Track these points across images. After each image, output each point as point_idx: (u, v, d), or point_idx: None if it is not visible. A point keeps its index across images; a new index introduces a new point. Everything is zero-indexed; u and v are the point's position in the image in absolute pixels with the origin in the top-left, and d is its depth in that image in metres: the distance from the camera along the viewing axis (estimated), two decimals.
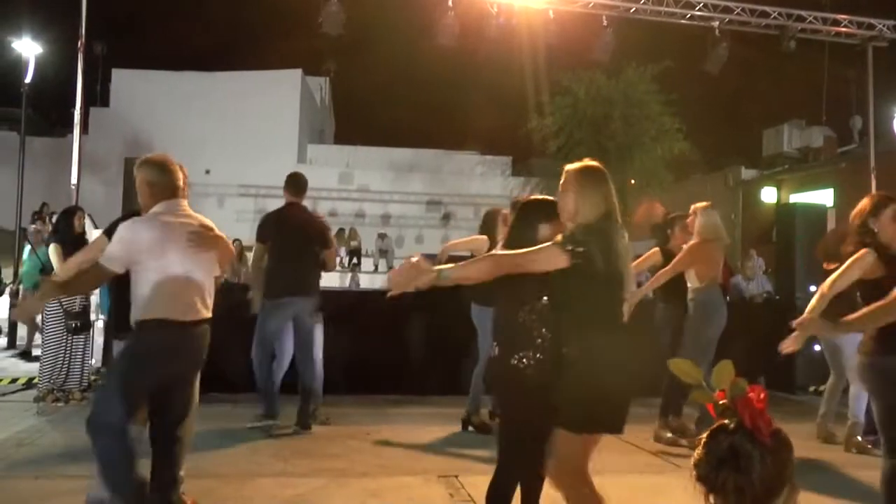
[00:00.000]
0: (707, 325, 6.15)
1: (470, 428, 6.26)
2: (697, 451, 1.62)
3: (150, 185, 3.71)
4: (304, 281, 6.22)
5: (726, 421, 1.64)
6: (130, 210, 4.04)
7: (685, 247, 6.21)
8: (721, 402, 1.68)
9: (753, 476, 1.54)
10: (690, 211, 6.41)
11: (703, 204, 6.33)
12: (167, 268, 3.55)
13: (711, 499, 1.58)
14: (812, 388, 8.19)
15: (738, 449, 1.57)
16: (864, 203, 4.03)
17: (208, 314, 3.76)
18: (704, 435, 1.64)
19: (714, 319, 6.19)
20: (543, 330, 3.18)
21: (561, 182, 3.23)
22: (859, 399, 5.89)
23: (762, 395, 1.64)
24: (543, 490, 3.35)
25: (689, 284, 6.26)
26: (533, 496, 3.37)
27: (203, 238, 3.67)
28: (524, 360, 3.16)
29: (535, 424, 3.13)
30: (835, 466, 5.52)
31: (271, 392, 6.17)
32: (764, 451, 1.56)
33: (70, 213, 7.25)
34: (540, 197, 3.58)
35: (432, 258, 10.11)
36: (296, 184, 6.44)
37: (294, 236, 6.21)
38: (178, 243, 3.57)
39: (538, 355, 3.16)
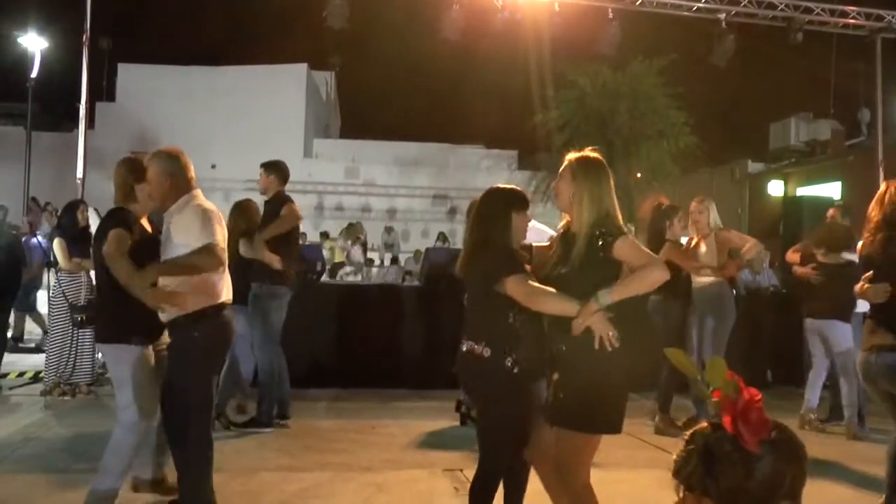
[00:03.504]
0: (729, 318, 6.24)
1: (469, 422, 6.26)
2: (680, 447, 1.55)
3: (171, 175, 3.78)
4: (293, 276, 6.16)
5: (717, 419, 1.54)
6: (118, 206, 4.05)
7: (716, 240, 6.26)
8: (716, 401, 1.56)
9: (721, 480, 1.44)
10: (692, 206, 6.43)
11: (700, 198, 6.38)
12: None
13: (682, 494, 1.49)
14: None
15: (713, 448, 1.47)
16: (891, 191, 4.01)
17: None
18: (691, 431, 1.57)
19: (732, 312, 6.28)
20: (531, 329, 3.21)
21: (561, 169, 3.22)
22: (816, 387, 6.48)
23: (756, 398, 1.51)
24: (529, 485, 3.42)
25: (699, 279, 6.28)
26: (519, 490, 3.42)
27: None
28: (516, 361, 3.19)
29: (519, 422, 3.18)
30: (833, 458, 5.51)
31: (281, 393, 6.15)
32: (748, 458, 1.44)
33: (73, 207, 7.27)
34: (506, 185, 3.54)
35: (443, 251, 10.03)
36: (282, 170, 6.33)
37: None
38: (221, 230, 3.71)
39: (527, 356, 3.19)
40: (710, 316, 6.29)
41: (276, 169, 6.19)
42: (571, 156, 3.19)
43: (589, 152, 3.21)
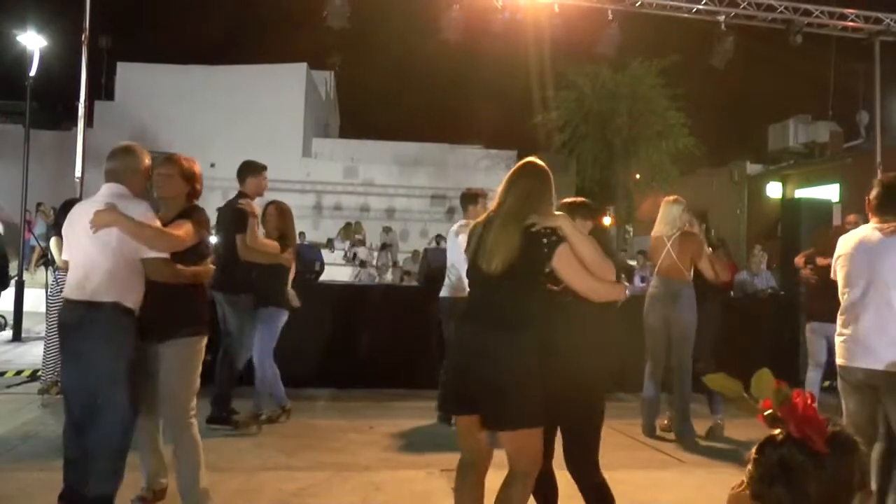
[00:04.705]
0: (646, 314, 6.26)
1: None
2: (748, 468, 1.54)
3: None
4: (222, 275, 5.49)
5: (776, 432, 1.52)
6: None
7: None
8: (768, 413, 1.55)
9: (809, 489, 1.44)
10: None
11: (671, 197, 6.34)
12: (69, 247, 3.76)
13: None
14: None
15: (789, 462, 1.46)
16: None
17: (103, 298, 3.57)
18: (753, 450, 1.54)
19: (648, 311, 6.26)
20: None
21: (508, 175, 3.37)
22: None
23: (810, 400, 1.51)
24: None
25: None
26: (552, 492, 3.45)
27: (98, 217, 3.53)
28: None
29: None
30: None
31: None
32: (820, 460, 1.45)
33: (70, 206, 7.25)
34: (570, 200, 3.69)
35: (441, 251, 9.97)
36: (241, 171, 6.33)
37: (219, 227, 6.07)
38: (80, 223, 3.66)
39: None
40: None
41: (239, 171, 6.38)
42: (519, 163, 3.33)
43: (533, 158, 3.34)
